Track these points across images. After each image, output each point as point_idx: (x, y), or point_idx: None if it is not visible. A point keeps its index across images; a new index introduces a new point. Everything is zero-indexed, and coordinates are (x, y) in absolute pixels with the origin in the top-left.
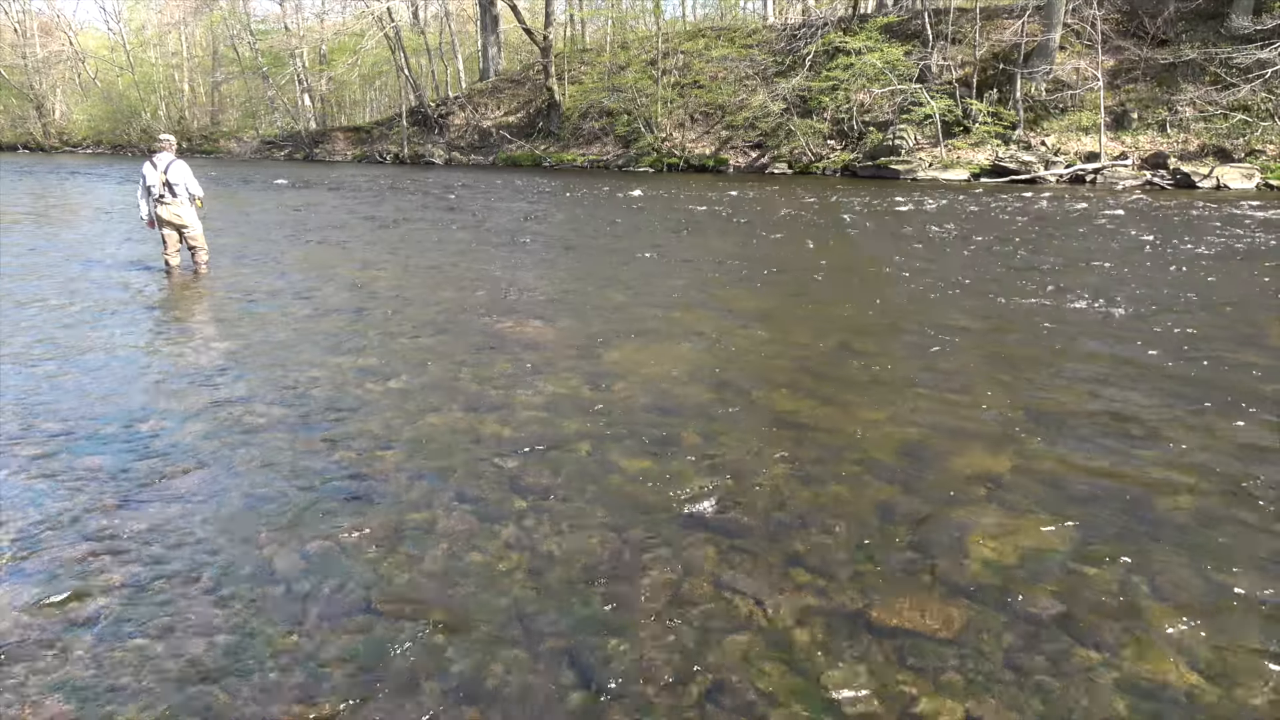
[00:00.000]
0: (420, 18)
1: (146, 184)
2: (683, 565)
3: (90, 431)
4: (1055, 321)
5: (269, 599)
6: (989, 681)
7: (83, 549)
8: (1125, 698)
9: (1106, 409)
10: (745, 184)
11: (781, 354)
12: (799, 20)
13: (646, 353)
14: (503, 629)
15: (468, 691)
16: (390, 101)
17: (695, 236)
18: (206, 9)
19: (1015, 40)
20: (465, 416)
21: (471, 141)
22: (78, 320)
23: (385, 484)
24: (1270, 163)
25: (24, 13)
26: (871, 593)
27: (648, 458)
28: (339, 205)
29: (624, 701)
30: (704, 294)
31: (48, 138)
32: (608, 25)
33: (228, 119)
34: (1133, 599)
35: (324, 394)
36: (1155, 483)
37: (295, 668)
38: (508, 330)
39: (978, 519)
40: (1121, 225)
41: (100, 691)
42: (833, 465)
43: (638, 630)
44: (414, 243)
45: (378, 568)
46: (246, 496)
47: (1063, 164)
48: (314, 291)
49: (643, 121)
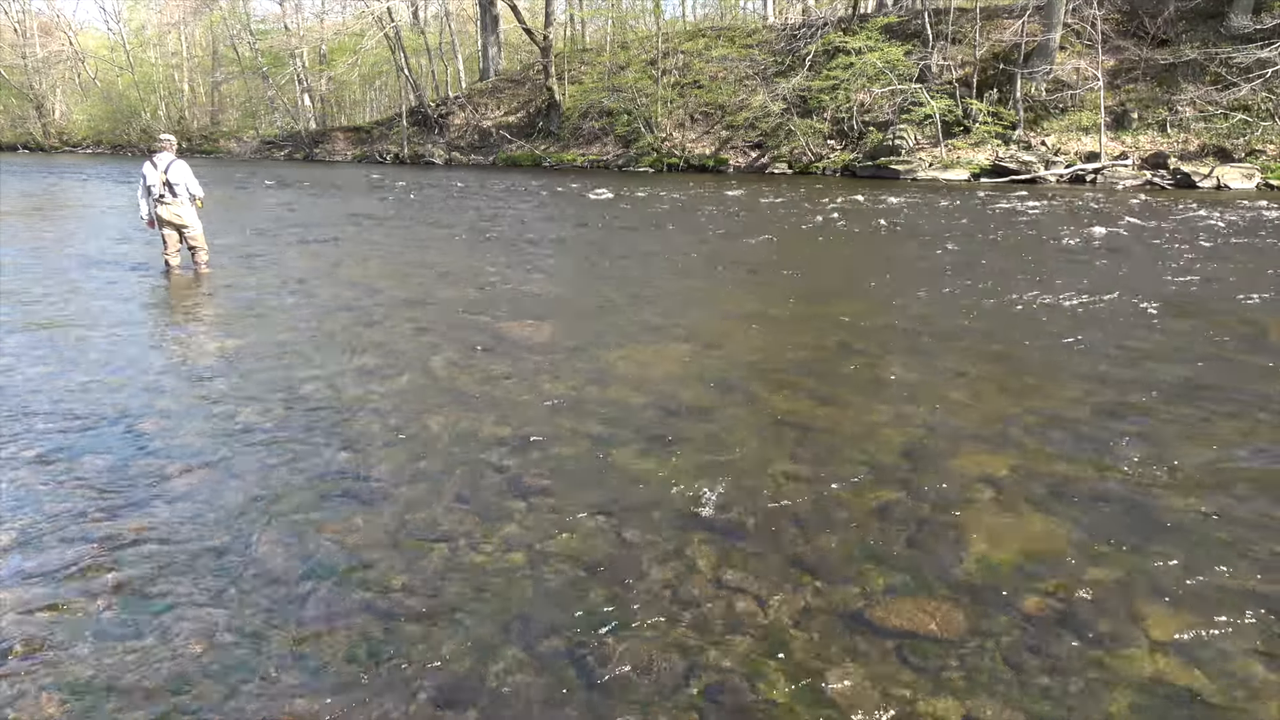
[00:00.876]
0: (420, 18)
1: (147, 184)
2: (683, 565)
3: (90, 431)
4: (1055, 321)
5: (269, 599)
6: (989, 681)
7: (83, 549)
8: (1125, 698)
9: (1106, 409)
10: (745, 184)
11: (782, 354)
12: (799, 20)
13: (646, 352)
14: (503, 629)
15: (468, 691)
16: (390, 101)
17: (694, 236)
18: (206, 9)
19: (1015, 40)
20: (465, 416)
21: (471, 141)
22: (78, 320)
23: (385, 484)
24: (1270, 162)
25: (24, 13)
26: (871, 593)
27: (648, 458)
28: (339, 205)
29: (624, 701)
30: (704, 293)
31: (48, 138)
32: (608, 25)
33: (228, 119)
34: (1133, 599)
35: (324, 394)
36: (1155, 483)
37: (295, 668)
38: (508, 330)
39: (978, 519)
40: (1122, 225)
41: (100, 691)
42: (833, 465)
43: (638, 630)
44: (414, 242)
45: (378, 568)
46: (246, 496)
47: (1063, 164)
48: (314, 291)
49: (643, 121)
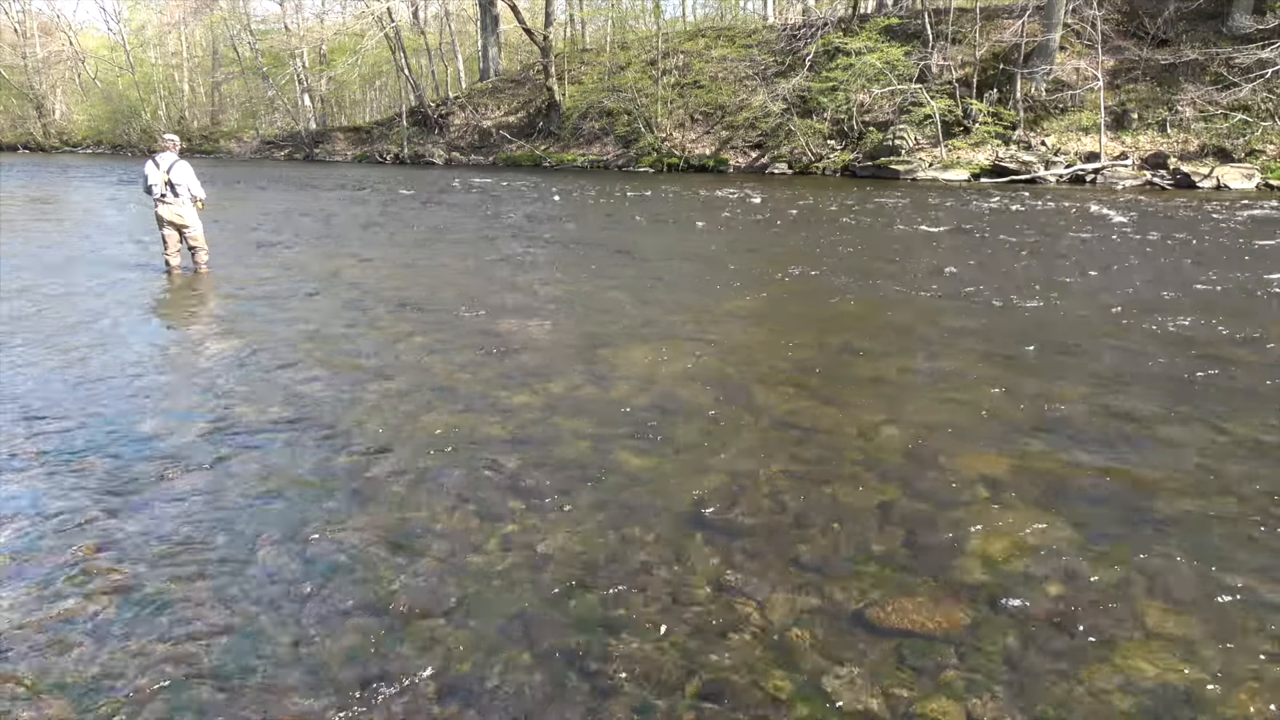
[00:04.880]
0: (420, 18)
1: (149, 183)
2: (683, 565)
3: (90, 432)
4: (1055, 321)
5: (269, 599)
6: (989, 681)
7: (83, 549)
8: (1125, 698)
9: (1106, 409)
10: (745, 184)
11: (782, 354)
12: (799, 20)
13: (646, 352)
14: (503, 629)
15: (468, 691)
16: (390, 101)
17: (694, 236)
18: (206, 9)
19: (1015, 40)
20: (465, 416)
21: (471, 142)
22: (78, 320)
23: (385, 484)
24: (1270, 163)
25: (24, 13)
26: (871, 593)
27: (648, 458)
28: (340, 206)
29: (624, 701)
30: (703, 293)
31: (48, 138)
32: (608, 25)
33: (228, 119)
34: (1133, 599)
35: (324, 394)
36: (1155, 483)
37: (295, 668)
38: (508, 330)
39: (978, 519)
40: (1121, 225)
41: (100, 691)
42: (833, 465)
43: (638, 630)
44: (414, 242)
45: (378, 568)
46: (246, 497)
47: (1063, 164)
48: (314, 292)
49: (643, 121)
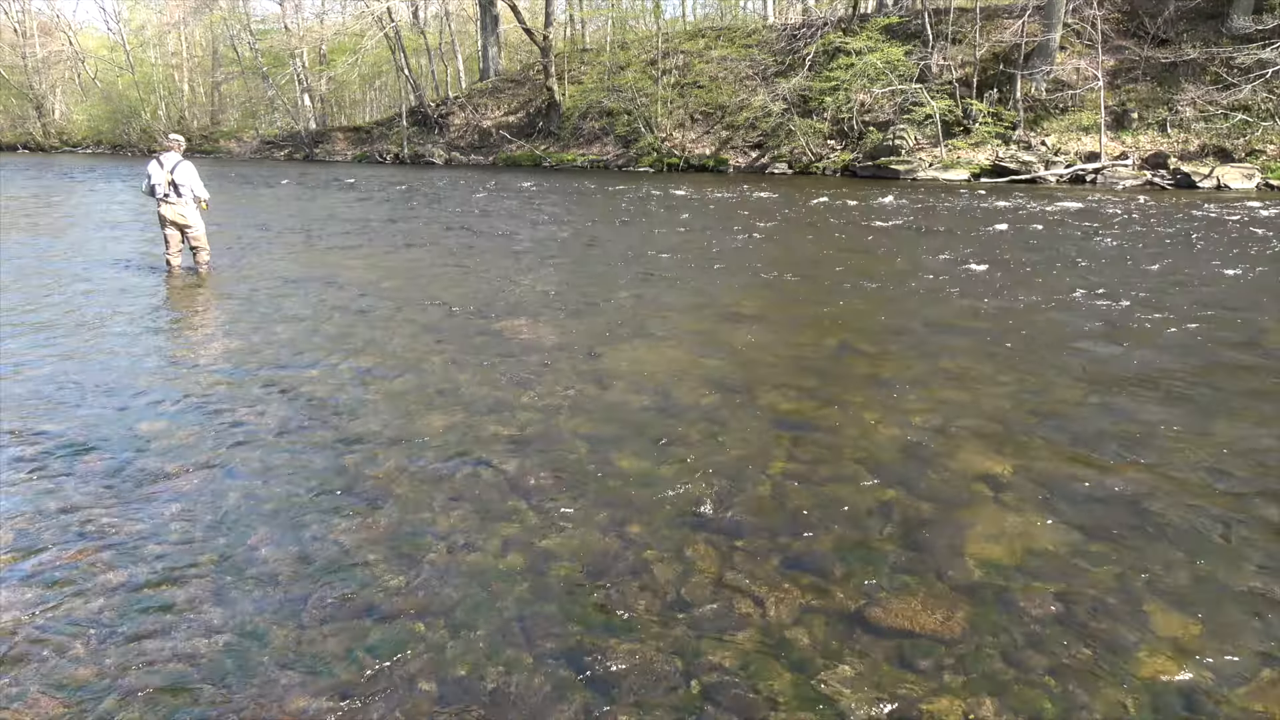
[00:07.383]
0: (420, 18)
1: (152, 182)
2: (683, 565)
3: (91, 431)
4: (1054, 321)
5: (269, 599)
6: (989, 681)
7: (83, 549)
8: (1126, 697)
9: (1106, 409)
10: (745, 184)
11: (781, 354)
12: (799, 20)
13: (646, 352)
14: (503, 629)
15: (468, 691)
16: (390, 101)
17: (694, 236)
18: (206, 9)
19: (1015, 40)
20: (465, 417)
21: (471, 141)
22: (78, 320)
23: (385, 484)
24: (1271, 163)
25: (24, 13)
26: (871, 593)
27: (648, 458)
28: (340, 206)
29: (624, 701)
30: (703, 293)
31: (48, 138)
32: (608, 25)
33: (228, 119)
34: (1133, 599)
35: (324, 394)
36: (1155, 483)
37: (295, 668)
38: (508, 330)
39: (978, 519)
40: (1121, 225)
41: (100, 691)
42: (833, 465)
43: (638, 630)
44: (414, 243)
45: (378, 568)
46: (246, 497)
47: (1063, 164)
48: (315, 292)
49: (643, 121)
